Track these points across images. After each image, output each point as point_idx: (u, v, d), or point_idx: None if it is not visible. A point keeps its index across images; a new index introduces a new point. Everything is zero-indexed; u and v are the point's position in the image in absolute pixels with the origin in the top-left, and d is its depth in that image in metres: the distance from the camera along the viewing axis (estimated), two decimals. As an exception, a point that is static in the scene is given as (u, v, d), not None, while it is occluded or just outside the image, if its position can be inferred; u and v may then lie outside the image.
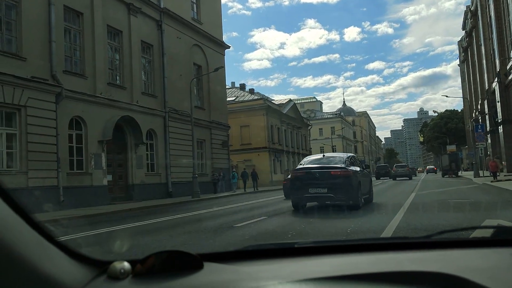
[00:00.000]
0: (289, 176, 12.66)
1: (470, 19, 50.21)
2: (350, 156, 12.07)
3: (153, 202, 18.40)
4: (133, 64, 20.75)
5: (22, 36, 14.98)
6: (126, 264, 1.01)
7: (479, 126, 30.05)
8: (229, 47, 30.95)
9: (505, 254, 1.18)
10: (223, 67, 26.98)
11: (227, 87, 39.58)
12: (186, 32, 25.57)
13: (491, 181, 21.08)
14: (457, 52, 75.10)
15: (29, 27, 15.22)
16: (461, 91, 66.53)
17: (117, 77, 20.28)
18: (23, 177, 14.31)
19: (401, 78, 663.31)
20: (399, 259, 1.18)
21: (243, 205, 15.25)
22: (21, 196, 0.90)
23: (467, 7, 54.67)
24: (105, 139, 18.25)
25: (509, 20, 30.68)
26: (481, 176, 29.81)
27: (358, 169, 11.43)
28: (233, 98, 42.15)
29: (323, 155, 11.96)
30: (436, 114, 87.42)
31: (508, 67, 30.50)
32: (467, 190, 17.74)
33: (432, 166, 77.63)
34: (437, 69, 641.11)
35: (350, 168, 10.73)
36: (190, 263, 1.03)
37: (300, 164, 11.82)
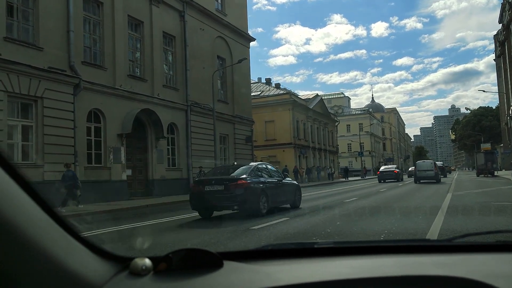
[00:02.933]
0: None
1: (508, 11, 47.70)
2: None
3: (173, 198, 17.85)
4: (154, 56, 20.17)
5: (39, 25, 14.56)
6: (147, 261, 1.02)
7: (519, 123, 28.09)
8: (254, 39, 30.10)
9: None
10: (246, 58, 26.13)
11: (252, 81, 38.78)
12: (209, 24, 24.86)
13: (534, 182, 19.56)
14: (490, 47, 72.56)
15: (47, 16, 14.77)
16: (494, 87, 63.68)
17: (138, 69, 19.75)
18: (38, 171, 13.91)
19: (430, 75, 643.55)
20: (422, 263, 1.15)
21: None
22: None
23: (504, -1, 52.24)
24: (125, 133, 17.74)
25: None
26: (521, 176, 27.99)
27: None
28: (258, 92, 41.30)
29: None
30: (469, 111, 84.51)
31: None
32: (507, 191, 16.37)
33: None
34: (468, 65, 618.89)
35: None
36: (210, 261, 1.03)
37: None
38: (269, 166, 12.08)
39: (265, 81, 47.47)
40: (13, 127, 13.78)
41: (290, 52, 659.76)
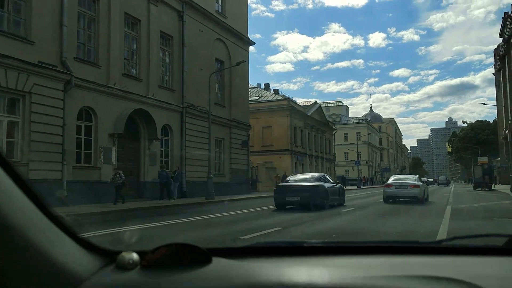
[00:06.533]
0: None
1: (510, 25, 47.63)
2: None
3: (165, 202, 17.34)
4: (150, 55, 19.68)
5: (31, 18, 14.05)
6: (134, 255, 1.01)
7: (519, 137, 27.66)
8: (253, 43, 29.70)
9: None
10: (245, 61, 25.65)
11: (251, 86, 38.36)
12: (209, 25, 24.43)
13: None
14: (487, 61, 72.87)
15: (40, 9, 14.27)
16: (489, 102, 63.32)
17: (133, 68, 19.25)
18: (23, 169, 13.30)
19: (427, 87, 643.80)
20: (412, 263, 1.17)
21: (259, 210, 13.89)
22: None
23: (506, 13, 52.33)
24: (117, 133, 17.21)
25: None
26: (519, 191, 27.60)
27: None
28: (257, 97, 40.88)
29: None
30: (465, 124, 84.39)
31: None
32: (509, 206, 15.91)
33: None
34: (465, 79, 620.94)
35: None
36: (198, 257, 1.03)
37: None
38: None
39: (263, 87, 47.09)
40: (-1, 123, 13.23)
41: (288, 59, 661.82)
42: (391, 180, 18.45)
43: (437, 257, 1.21)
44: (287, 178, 16.25)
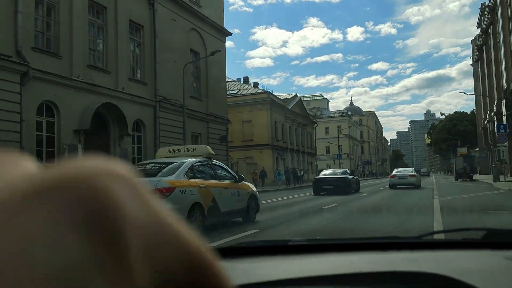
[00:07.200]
0: None
1: (488, 15, 47.74)
2: None
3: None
4: (119, 46, 18.41)
5: (-20, 3, 12.73)
6: None
7: (502, 126, 27.35)
8: (230, 34, 28.62)
9: (497, 257, 1.18)
10: (220, 50, 24.54)
11: (230, 79, 37.29)
12: (182, 14, 23.23)
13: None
14: (462, 54, 73.66)
15: (-10, -6, 12.97)
16: (466, 94, 63.16)
17: (100, 60, 17.97)
18: (-26, 170, 12.06)
19: (404, 80, 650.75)
20: (392, 259, 1.19)
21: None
22: None
23: (482, 4, 52.58)
24: (83, 129, 15.98)
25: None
26: (502, 181, 27.35)
27: None
28: (236, 91, 39.83)
29: None
30: (443, 116, 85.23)
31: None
32: (496, 197, 15.35)
33: None
34: (441, 71, 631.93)
35: None
36: None
37: None
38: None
39: (242, 81, 46.03)
40: None
41: (267, 54, 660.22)
42: (394, 172, 25.20)
43: (418, 252, 1.23)
44: (322, 173, 22.14)
